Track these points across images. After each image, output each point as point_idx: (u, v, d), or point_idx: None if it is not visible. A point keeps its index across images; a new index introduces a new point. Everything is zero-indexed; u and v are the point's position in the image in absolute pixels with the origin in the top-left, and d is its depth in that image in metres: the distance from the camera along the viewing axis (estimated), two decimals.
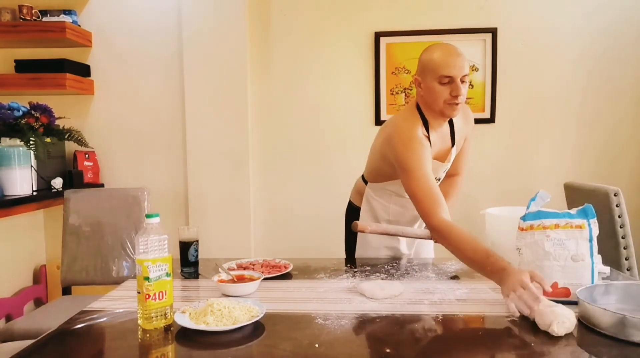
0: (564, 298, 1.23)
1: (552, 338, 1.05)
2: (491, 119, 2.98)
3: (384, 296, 1.33)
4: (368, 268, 1.66)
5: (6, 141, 2.45)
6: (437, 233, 1.46)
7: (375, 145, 1.76)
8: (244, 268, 1.62)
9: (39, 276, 2.93)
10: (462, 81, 1.51)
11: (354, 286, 1.44)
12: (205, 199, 2.92)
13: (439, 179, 1.74)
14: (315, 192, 3.08)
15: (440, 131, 1.66)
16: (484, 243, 1.38)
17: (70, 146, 2.88)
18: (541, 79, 2.96)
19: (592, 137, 2.97)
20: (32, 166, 2.54)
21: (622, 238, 2.04)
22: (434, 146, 1.63)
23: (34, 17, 2.85)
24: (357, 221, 1.58)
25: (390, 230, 1.60)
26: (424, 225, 1.80)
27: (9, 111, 2.43)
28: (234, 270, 1.59)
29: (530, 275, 1.16)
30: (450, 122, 1.68)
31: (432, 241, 1.88)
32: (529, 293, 1.13)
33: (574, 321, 1.08)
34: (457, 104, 1.52)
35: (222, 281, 1.42)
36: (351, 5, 3.00)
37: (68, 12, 2.88)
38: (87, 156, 2.94)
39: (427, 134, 1.60)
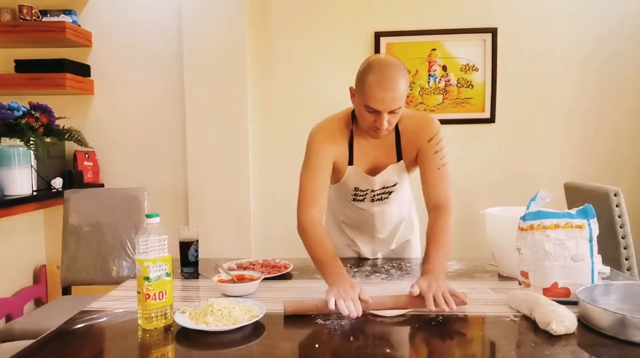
0: (564, 298, 1.23)
1: (552, 338, 1.05)
2: (491, 119, 2.98)
3: (398, 313, 1.24)
4: (368, 268, 1.66)
5: (6, 141, 2.45)
6: (301, 227, 1.47)
7: None
8: (244, 268, 1.62)
9: (39, 276, 2.93)
10: (393, 112, 1.37)
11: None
12: (205, 199, 2.92)
13: (373, 191, 1.62)
14: None
15: (376, 141, 1.53)
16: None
17: (70, 146, 2.88)
18: (541, 79, 2.96)
19: (592, 137, 2.97)
20: (32, 166, 2.54)
21: (622, 238, 2.04)
22: (360, 155, 1.54)
23: (34, 17, 2.85)
24: (286, 302, 1.26)
25: (320, 308, 1.25)
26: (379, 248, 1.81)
27: (9, 111, 2.43)
28: (234, 270, 1.59)
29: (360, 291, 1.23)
30: (398, 134, 1.53)
31: (418, 245, 1.86)
32: (351, 296, 1.20)
33: (574, 321, 1.08)
34: (379, 132, 1.41)
35: (222, 281, 1.42)
36: (351, 5, 3.00)
37: (68, 12, 2.88)
38: (87, 156, 2.94)
39: (348, 139, 1.53)
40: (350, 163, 1.55)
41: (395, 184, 1.63)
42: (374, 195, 1.65)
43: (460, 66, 2.96)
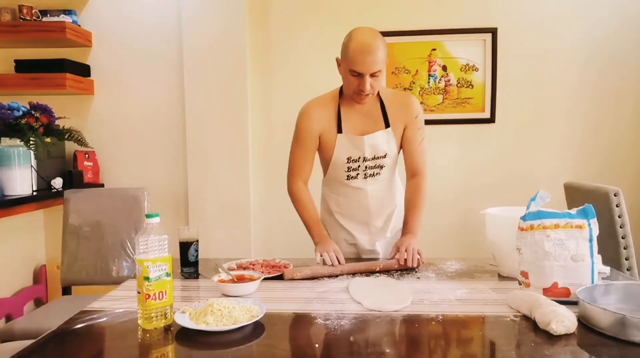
0: (564, 298, 1.23)
1: (552, 338, 1.05)
2: (491, 119, 2.98)
3: (394, 309, 1.25)
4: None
5: (6, 141, 2.45)
6: (291, 193, 1.79)
7: None
8: (244, 268, 1.62)
9: (39, 276, 2.93)
10: (374, 76, 1.54)
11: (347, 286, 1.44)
12: (205, 199, 2.92)
13: (365, 159, 1.72)
14: (316, 192, 3.08)
15: (362, 109, 1.70)
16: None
17: (70, 146, 2.88)
18: (541, 79, 2.96)
19: (591, 136, 2.97)
20: (32, 166, 2.54)
21: (622, 238, 2.04)
22: (348, 122, 1.70)
23: (34, 17, 2.85)
24: (286, 270, 1.54)
25: (321, 271, 1.55)
26: (373, 237, 1.86)
27: (9, 111, 2.43)
28: (234, 270, 1.59)
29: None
30: (382, 104, 1.71)
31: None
32: (333, 249, 1.62)
33: (574, 321, 1.08)
34: (364, 95, 1.59)
35: (222, 281, 1.42)
36: (351, 5, 2.99)
37: (68, 12, 2.88)
38: (87, 156, 2.94)
39: (336, 110, 1.70)
40: (340, 131, 1.70)
41: (385, 156, 1.72)
42: (366, 167, 1.73)
43: (460, 66, 2.96)
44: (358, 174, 1.75)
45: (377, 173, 1.75)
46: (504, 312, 1.22)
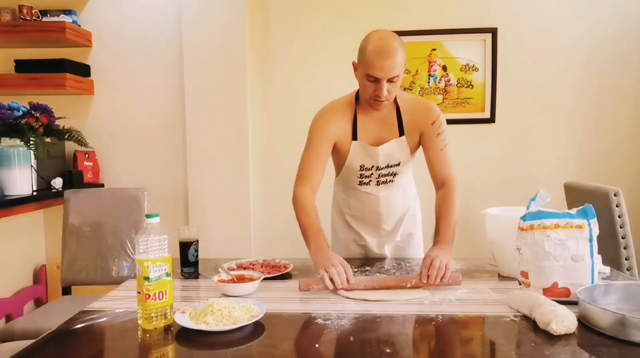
0: (564, 298, 1.23)
1: (552, 338, 1.05)
2: (491, 119, 2.98)
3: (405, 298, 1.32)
4: (368, 268, 1.66)
5: (6, 141, 2.45)
6: (294, 199, 1.62)
7: None
8: (244, 268, 1.62)
9: (39, 276, 2.93)
10: (391, 81, 1.46)
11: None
12: (205, 199, 2.92)
13: (378, 168, 1.67)
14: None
15: (378, 116, 1.62)
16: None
17: (70, 146, 2.88)
18: (541, 79, 2.96)
19: (592, 137, 2.97)
20: (32, 166, 2.54)
21: (622, 238, 2.04)
22: (364, 129, 1.63)
23: (34, 17, 2.85)
24: (301, 280, 1.42)
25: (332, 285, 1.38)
26: (384, 240, 1.83)
27: (9, 111, 2.43)
28: (234, 270, 1.59)
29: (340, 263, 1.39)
30: (398, 111, 1.63)
31: (421, 241, 1.89)
32: (338, 271, 1.36)
33: (575, 321, 1.08)
34: (380, 101, 1.50)
35: (222, 281, 1.42)
36: (351, 5, 2.99)
37: (68, 12, 2.88)
38: (87, 156, 2.94)
39: (352, 116, 1.62)
40: (355, 138, 1.63)
41: (399, 164, 1.68)
42: (379, 175, 1.69)
43: (460, 66, 2.96)
44: (370, 181, 1.71)
45: (390, 180, 1.71)
46: (504, 312, 1.22)
